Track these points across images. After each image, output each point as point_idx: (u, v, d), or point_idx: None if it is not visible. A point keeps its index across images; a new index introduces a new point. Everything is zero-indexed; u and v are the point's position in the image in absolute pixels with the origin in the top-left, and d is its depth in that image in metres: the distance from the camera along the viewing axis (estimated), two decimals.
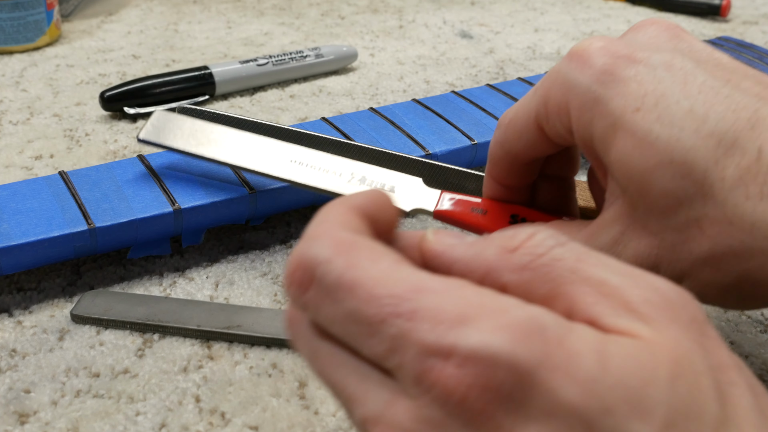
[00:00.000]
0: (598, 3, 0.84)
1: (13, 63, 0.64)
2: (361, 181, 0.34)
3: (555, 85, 0.27)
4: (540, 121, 0.28)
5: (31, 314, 0.36)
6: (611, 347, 0.19)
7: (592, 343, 0.19)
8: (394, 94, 0.60)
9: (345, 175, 0.34)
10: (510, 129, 0.30)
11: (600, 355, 0.19)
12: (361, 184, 0.34)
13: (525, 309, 0.20)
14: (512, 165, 0.31)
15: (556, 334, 0.19)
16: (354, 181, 0.34)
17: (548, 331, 0.19)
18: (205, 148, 0.35)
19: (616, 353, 0.19)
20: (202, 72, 0.57)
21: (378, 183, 0.34)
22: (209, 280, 0.39)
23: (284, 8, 0.80)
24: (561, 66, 0.28)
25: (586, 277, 0.21)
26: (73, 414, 0.31)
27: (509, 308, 0.19)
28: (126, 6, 0.79)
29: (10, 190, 0.38)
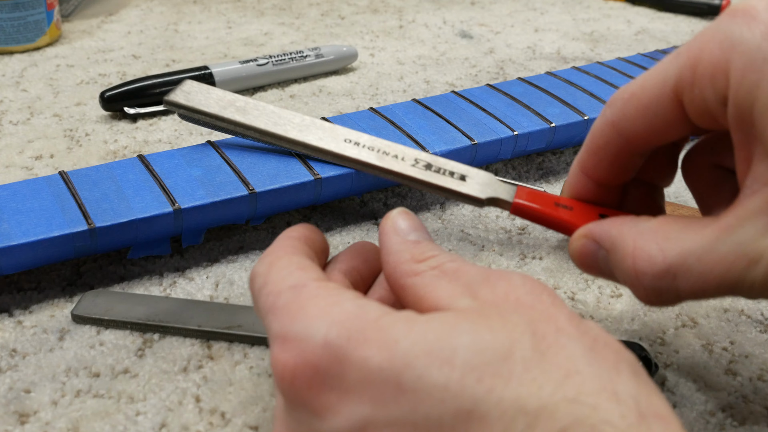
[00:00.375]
0: (598, 3, 0.84)
1: (14, 63, 0.64)
2: (427, 167, 0.30)
3: (711, 43, 0.23)
4: (681, 89, 0.24)
5: (31, 314, 0.36)
6: (422, 317, 0.22)
7: (406, 317, 0.22)
8: (394, 94, 0.60)
9: (408, 160, 0.31)
10: (631, 104, 0.26)
11: (409, 323, 0.22)
12: (427, 170, 0.30)
13: (356, 301, 0.23)
14: (619, 154, 0.27)
15: (375, 315, 0.22)
16: (419, 166, 0.30)
17: (369, 314, 0.22)
18: (244, 116, 0.32)
19: (424, 320, 0.22)
20: (202, 72, 0.57)
21: (446, 170, 0.30)
22: (209, 280, 0.39)
23: (284, 8, 0.80)
24: (720, 23, 0.23)
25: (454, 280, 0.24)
26: (73, 414, 0.31)
27: (343, 301, 0.23)
28: (126, 6, 0.79)
29: (10, 190, 0.38)
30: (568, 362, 0.20)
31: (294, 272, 0.25)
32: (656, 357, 0.34)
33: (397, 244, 0.26)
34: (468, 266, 0.25)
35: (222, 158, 0.41)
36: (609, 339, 0.22)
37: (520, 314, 0.22)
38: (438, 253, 0.26)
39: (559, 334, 0.21)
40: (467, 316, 0.22)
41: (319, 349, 0.22)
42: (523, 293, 0.23)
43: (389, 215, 0.28)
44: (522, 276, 0.24)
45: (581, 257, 0.28)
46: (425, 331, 0.21)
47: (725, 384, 0.33)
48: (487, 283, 0.24)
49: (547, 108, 0.48)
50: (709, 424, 0.31)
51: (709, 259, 0.24)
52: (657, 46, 0.71)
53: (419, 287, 0.25)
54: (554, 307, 0.23)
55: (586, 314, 0.37)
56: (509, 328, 0.21)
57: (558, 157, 0.52)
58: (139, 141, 0.52)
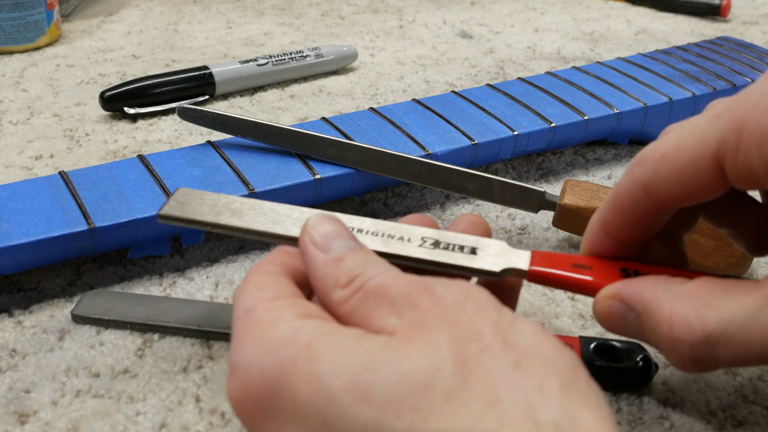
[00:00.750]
0: (598, 3, 0.84)
1: (13, 63, 0.64)
2: (435, 245, 0.28)
3: (757, 108, 0.22)
4: (723, 154, 0.23)
5: (31, 314, 0.36)
6: (349, 345, 0.22)
7: (335, 344, 0.22)
8: (394, 94, 0.60)
9: (414, 240, 0.28)
10: (664, 165, 0.25)
11: (335, 353, 0.21)
12: (436, 248, 0.28)
13: (291, 324, 0.23)
14: (647, 214, 0.26)
15: (306, 341, 0.22)
16: (427, 245, 0.28)
17: (300, 339, 0.22)
18: (241, 219, 0.30)
19: (350, 349, 0.21)
20: (202, 72, 0.57)
21: (455, 245, 0.28)
22: (209, 280, 0.39)
23: (284, 8, 0.80)
24: (764, 86, 0.23)
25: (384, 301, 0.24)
26: (73, 414, 0.31)
27: (279, 325, 0.23)
28: (126, 6, 0.79)
29: (10, 190, 0.38)
30: (490, 390, 0.20)
31: (252, 294, 0.25)
32: (656, 357, 0.34)
33: (320, 266, 0.25)
34: (391, 279, 0.24)
35: (222, 158, 0.41)
36: (539, 347, 0.21)
37: (443, 333, 0.21)
38: (361, 270, 0.25)
39: (482, 354, 0.21)
40: (388, 345, 0.21)
41: (257, 380, 0.22)
42: (445, 306, 0.22)
43: (305, 227, 0.27)
44: (444, 283, 0.23)
45: (608, 319, 0.27)
46: (347, 364, 0.21)
47: (725, 384, 0.33)
48: (409, 300, 0.23)
49: (547, 108, 0.48)
50: (709, 424, 0.31)
51: (753, 329, 0.23)
52: (657, 46, 0.71)
53: (350, 315, 0.24)
54: (479, 317, 0.22)
55: (587, 315, 0.37)
56: (429, 355, 0.21)
57: (558, 157, 0.52)
58: (139, 141, 0.52)
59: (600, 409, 0.20)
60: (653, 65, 0.55)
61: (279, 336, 0.22)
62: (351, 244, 0.26)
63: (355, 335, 0.22)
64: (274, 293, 0.25)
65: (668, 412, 0.32)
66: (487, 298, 0.23)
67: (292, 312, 0.23)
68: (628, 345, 0.33)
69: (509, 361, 0.20)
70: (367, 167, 0.41)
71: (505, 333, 0.21)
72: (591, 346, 0.33)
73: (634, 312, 0.26)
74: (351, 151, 0.41)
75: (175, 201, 0.30)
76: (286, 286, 0.25)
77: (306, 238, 0.26)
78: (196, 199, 0.30)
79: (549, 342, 0.22)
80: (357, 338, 0.22)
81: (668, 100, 0.50)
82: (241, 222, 0.29)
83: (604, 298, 0.27)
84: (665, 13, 0.82)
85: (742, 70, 0.54)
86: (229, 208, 0.30)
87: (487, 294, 0.23)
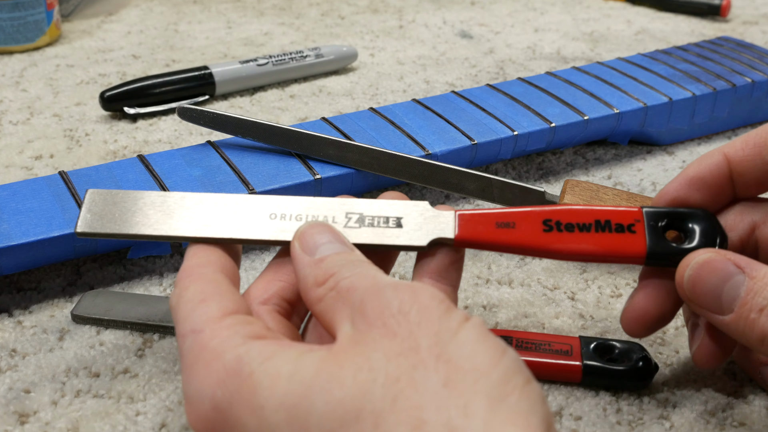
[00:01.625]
0: (598, 3, 0.84)
1: (13, 63, 0.64)
2: (360, 222, 0.28)
3: None
4: None
5: (31, 314, 0.36)
6: (287, 370, 0.22)
7: (275, 370, 0.22)
8: (394, 94, 0.60)
9: (340, 219, 0.28)
10: None
11: (273, 381, 0.22)
12: (361, 225, 0.28)
13: (236, 351, 0.23)
14: None
15: (249, 370, 0.22)
16: (352, 222, 0.28)
17: (245, 367, 0.22)
18: (165, 223, 0.28)
19: (287, 375, 0.22)
20: (202, 72, 0.57)
21: (380, 218, 0.28)
22: None
23: (284, 8, 0.80)
24: None
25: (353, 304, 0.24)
26: (73, 414, 0.31)
27: (225, 353, 0.23)
28: (126, 6, 0.79)
29: (10, 190, 0.38)
30: (416, 411, 0.20)
31: (195, 309, 0.25)
32: (656, 357, 0.34)
33: (302, 267, 0.26)
34: (360, 279, 0.24)
35: (222, 158, 0.41)
36: (475, 359, 0.21)
37: (379, 351, 0.21)
38: (338, 268, 0.25)
39: (415, 370, 0.21)
40: (323, 368, 0.21)
41: (210, 413, 0.23)
42: (389, 315, 0.22)
43: (296, 234, 0.27)
44: (396, 287, 0.23)
45: (708, 278, 0.27)
46: (285, 393, 0.21)
47: (725, 384, 0.33)
48: (361, 306, 0.23)
49: (547, 108, 0.48)
50: (709, 424, 0.31)
51: None
52: (657, 46, 0.71)
53: (323, 314, 0.25)
54: (420, 328, 0.22)
55: (586, 315, 0.37)
56: (361, 378, 0.21)
57: (558, 157, 0.52)
58: (139, 141, 0.52)
59: (529, 423, 0.20)
60: (653, 65, 0.55)
61: (226, 365, 0.23)
62: (337, 247, 0.26)
63: (294, 357, 0.22)
64: (219, 310, 0.25)
65: (668, 412, 0.32)
66: (435, 303, 0.23)
67: (238, 335, 0.24)
68: (628, 345, 0.33)
69: (440, 378, 0.20)
70: (367, 167, 0.41)
71: (443, 345, 0.21)
72: (591, 346, 0.33)
73: (745, 275, 0.26)
74: (351, 151, 0.41)
75: (90, 213, 0.28)
76: (227, 295, 0.25)
77: (296, 243, 0.27)
78: (109, 204, 0.28)
79: (487, 351, 0.21)
80: (295, 361, 0.22)
81: (668, 100, 0.50)
82: (170, 229, 0.28)
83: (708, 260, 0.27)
84: (665, 13, 0.82)
85: (742, 70, 0.54)
86: (153, 208, 0.28)
87: (437, 298, 0.23)
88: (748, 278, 0.26)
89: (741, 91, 0.53)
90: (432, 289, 0.23)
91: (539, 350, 0.33)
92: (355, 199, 0.29)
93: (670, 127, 0.52)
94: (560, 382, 0.33)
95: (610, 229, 0.29)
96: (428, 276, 0.28)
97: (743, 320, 0.26)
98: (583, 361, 0.32)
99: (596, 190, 0.40)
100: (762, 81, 0.54)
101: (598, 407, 0.32)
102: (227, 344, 0.23)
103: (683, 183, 0.30)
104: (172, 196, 0.29)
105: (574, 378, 0.32)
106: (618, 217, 0.29)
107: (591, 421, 0.31)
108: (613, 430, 0.31)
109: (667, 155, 0.52)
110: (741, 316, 0.26)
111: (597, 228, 0.29)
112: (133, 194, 0.29)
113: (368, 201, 0.29)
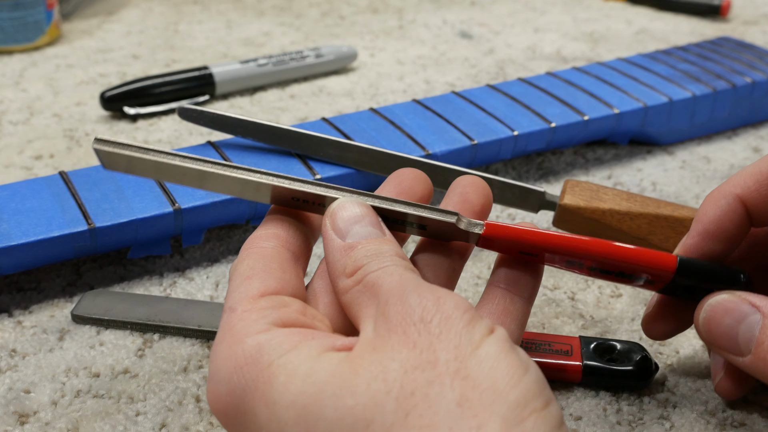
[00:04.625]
0: (598, 3, 0.84)
1: (13, 63, 0.64)
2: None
3: None
4: None
5: (31, 314, 0.36)
6: (304, 369, 0.21)
7: (294, 365, 0.22)
8: (394, 94, 0.60)
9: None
10: None
11: (290, 377, 0.21)
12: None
13: (258, 339, 0.22)
14: None
15: (268, 360, 0.22)
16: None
17: (264, 357, 0.22)
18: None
19: (303, 375, 0.21)
20: (202, 72, 0.57)
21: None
22: (209, 280, 0.39)
23: (284, 8, 0.80)
24: None
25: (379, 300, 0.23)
26: (73, 414, 0.31)
27: (247, 338, 0.23)
28: (126, 6, 0.79)
29: (10, 190, 0.38)
30: (428, 429, 0.19)
31: (240, 285, 0.24)
32: (656, 357, 0.34)
33: (333, 252, 0.25)
34: (386, 277, 0.23)
35: (222, 158, 0.41)
36: (493, 377, 0.20)
37: (396, 361, 0.21)
38: (366, 261, 0.24)
39: (430, 386, 0.20)
40: (338, 372, 0.21)
41: (225, 396, 0.23)
42: (410, 324, 0.21)
43: (328, 211, 0.26)
44: (420, 292, 0.22)
45: (722, 320, 0.27)
46: (299, 393, 0.21)
47: None
48: (385, 307, 0.22)
49: (547, 108, 0.48)
50: (709, 424, 0.31)
51: None
52: (657, 46, 0.71)
53: (349, 306, 0.24)
54: (440, 340, 0.21)
55: (586, 315, 0.37)
56: (374, 389, 0.20)
57: (558, 157, 0.52)
58: (139, 141, 0.52)
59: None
60: (653, 65, 0.55)
61: (245, 352, 0.22)
62: (369, 231, 0.25)
63: (314, 354, 0.22)
64: (258, 288, 0.24)
65: (668, 412, 0.32)
66: (459, 312, 0.22)
67: (265, 320, 0.23)
68: (628, 345, 0.33)
69: (455, 396, 0.20)
70: (367, 167, 0.41)
71: (462, 360, 0.20)
72: (591, 346, 0.33)
73: (761, 314, 0.26)
74: (351, 151, 0.41)
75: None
76: (275, 273, 0.25)
77: (327, 221, 0.26)
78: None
79: (507, 369, 0.20)
80: (314, 359, 0.22)
81: (668, 100, 0.50)
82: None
83: (722, 300, 0.27)
84: (665, 13, 0.82)
85: (742, 70, 0.54)
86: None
87: (461, 307, 0.22)
88: (764, 317, 0.26)
89: (741, 91, 0.53)
90: (457, 297, 0.22)
91: (539, 350, 0.33)
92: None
93: (670, 127, 0.52)
94: (560, 382, 0.33)
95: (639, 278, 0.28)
96: (503, 284, 0.28)
97: (761, 361, 0.26)
98: (583, 361, 0.32)
99: (596, 190, 0.40)
100: (762, 81, 0.54)
101: (598, 407, 0.32)
102: (251, 329, 0.23)
103: (704, 237, 0.29)
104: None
105: (574, 378, 0.32)
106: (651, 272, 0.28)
107: (591, 421, 0.31)
108: (613, 430, 0.31)
109: (667, 155, 0.52)
110: (759, 357, 0.26)
111: (622, 276, 0.28)
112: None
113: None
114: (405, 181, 0.29)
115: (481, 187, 0.29)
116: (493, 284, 0.28)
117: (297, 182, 0.26)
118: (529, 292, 0.28)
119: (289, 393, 0.21)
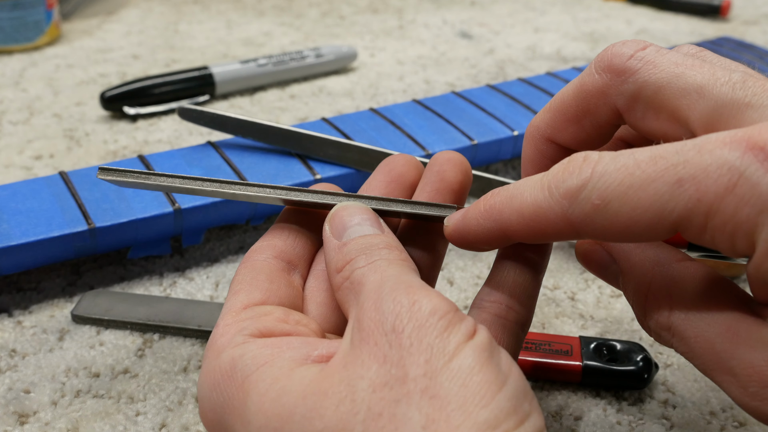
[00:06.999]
0: (598, 3, 0.84)
1: (13, 63, 0.64)
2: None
3: (732, 197, 0.19)
4: (684, 228, 0.20)
5: (31, 314, 0.36)
6: (276, 384, 0.21)
7: (266, 381, 0.22)
8: (394, 94, 0.60)
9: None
10: (616, 232, 0.21)
11: (262, 397, 0.21)
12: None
13: (233, 351, 0.23)
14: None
15: (243, 375, 0.22)
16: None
17: (238, 372, 0.22)
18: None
19: (275, 395, 0.21)
20: (203, 72, 0.57)
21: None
22: (209, 280, 0.39)
23: (284, 8, 0.80)
24: (739, 163, 0.19)
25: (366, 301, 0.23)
26: (73, 414, 0.31)
27: (222, 352, 0.23)
28: (126, 6, 0.79)
29: (10, 190, 0.38)
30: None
31: (229, 299, 0.25)
32: (656, 357, 0.34)
33: (329, 252, 0.25)
34: (371, 273, 0.23)
35: (222, 158, 0.41)
36: (463, 396, 0.19)
37: (367, 374, 0.20)
38: (356, 254, 0.24)
39: (397, 405, 0.19)
40: (310, 392, 0.21)
41: (209, 413, 0.23)
42: (381, 334, 0.21)
43: (328, 216, 0.26)
44: (395, 297, 0.21)
45: (587, 260, 0.26)
46: (270, 416, 0.21)
47: None
48: (362, 312, 0.22)
49: None
50: (710, 425, 0.31)
51: None
52: None
53: (341, 304, 0.24)
54: (410, 353, 0.20)
55: (586, 315, 0.37)
56: (342, 411, 0.20)
57: None
58: (139, 141, 0.52)
59: None
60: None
61: (221, 367, 0.22)
62: (365, 229, 0.25)
63: (286, 371, 0.22)
64: (242, 301, 0.24)
65: (668, 412, 0.32)
66: (434, 319, 0.20)
67: (242, 333, 0.23)
68: (628, 345, 0.33)
69: (422, 418, 0.19)
70: (367, 167, 0.41)
71: (432, 377, 0.19)
72: (591, 346, 0.33)
73: (617, 266, 0.25)
74: (351, 151, 0.41)
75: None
76: (260, 284, 0.25)
77: (327, 226, 0.26)
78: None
79: (479, 386, 0.19)
80: (287, 376, 0.21)
81: None
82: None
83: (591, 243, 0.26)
84: (665, 13, 0.82)
85: None
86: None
87: (438, 312, 0.21)
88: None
89: None
90: (436, 299, 0.21)
91: (539, 350, 0.33)
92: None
93: None
94: (560, 382, 0.33)
95: None
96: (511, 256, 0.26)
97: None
98: (583, 361, 0.32)
99: None
100: None
101: (598, 407, 0.32)
102: (228, 343, 0.23)
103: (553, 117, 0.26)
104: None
105: (574, 378, 0.32)
106: None
107: (591, 421, 0.31)
108: (613, 430, 0.31)
109: None
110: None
111: None
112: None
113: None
114: (395, 168, 0.29)
115: (458, 163, 0.28)
116: (501, 256, 0.26)
117: (293, 192, 0.27)
118: (538, 262, 0.26)
119: (262, 414, 0.21)
